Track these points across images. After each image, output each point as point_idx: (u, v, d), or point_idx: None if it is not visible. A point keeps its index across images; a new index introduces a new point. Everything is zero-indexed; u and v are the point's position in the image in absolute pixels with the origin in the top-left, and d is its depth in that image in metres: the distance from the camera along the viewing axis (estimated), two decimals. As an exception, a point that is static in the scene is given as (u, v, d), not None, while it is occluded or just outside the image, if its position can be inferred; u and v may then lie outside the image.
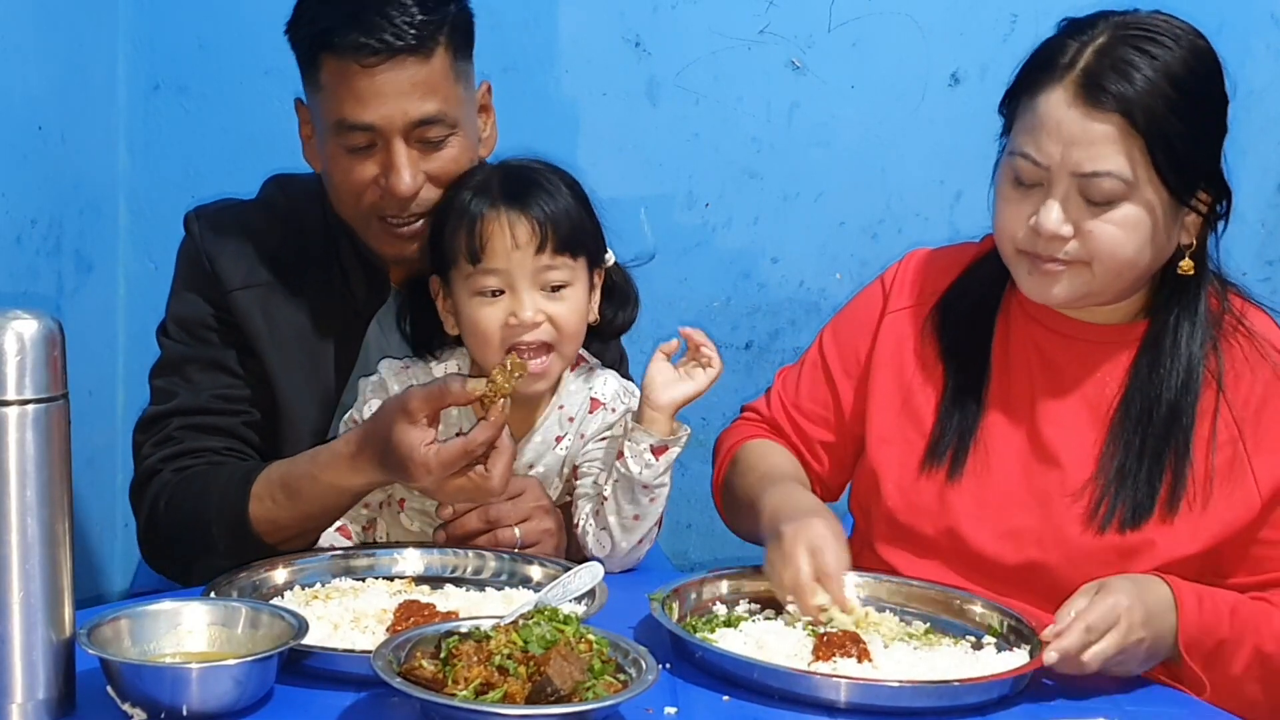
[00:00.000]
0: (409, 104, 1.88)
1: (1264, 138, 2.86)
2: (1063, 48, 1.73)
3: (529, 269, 1.85)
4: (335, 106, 1.90)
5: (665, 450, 1.85)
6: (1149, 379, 1.79)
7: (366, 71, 1.86)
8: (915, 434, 1.89)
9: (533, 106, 2.78)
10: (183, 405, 1.98)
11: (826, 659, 1.55)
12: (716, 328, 2.93)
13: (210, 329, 2.01)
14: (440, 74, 1.90)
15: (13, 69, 2.35)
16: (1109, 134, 1.69)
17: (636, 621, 1.66)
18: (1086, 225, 1.72)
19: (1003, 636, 1.67)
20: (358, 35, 1.85)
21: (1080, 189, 1.71)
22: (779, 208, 2.91)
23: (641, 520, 1.88)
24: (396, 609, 1.61)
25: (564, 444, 1.95)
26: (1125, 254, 1.73)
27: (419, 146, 1.91)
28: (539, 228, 1.85)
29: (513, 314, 1.85)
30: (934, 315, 1.93)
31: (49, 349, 1.35)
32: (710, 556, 2.93)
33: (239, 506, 1.84)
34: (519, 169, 1.93)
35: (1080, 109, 1.69)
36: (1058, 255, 1.73)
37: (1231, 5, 2.86)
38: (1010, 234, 1.78)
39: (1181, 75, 1.70)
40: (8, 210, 2.36)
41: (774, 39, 2.84)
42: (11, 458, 1.33)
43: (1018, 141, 1.75)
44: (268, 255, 2.02)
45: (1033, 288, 1.79)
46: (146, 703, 1.36)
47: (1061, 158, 1.70)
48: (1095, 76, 1.69)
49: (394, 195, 1.91)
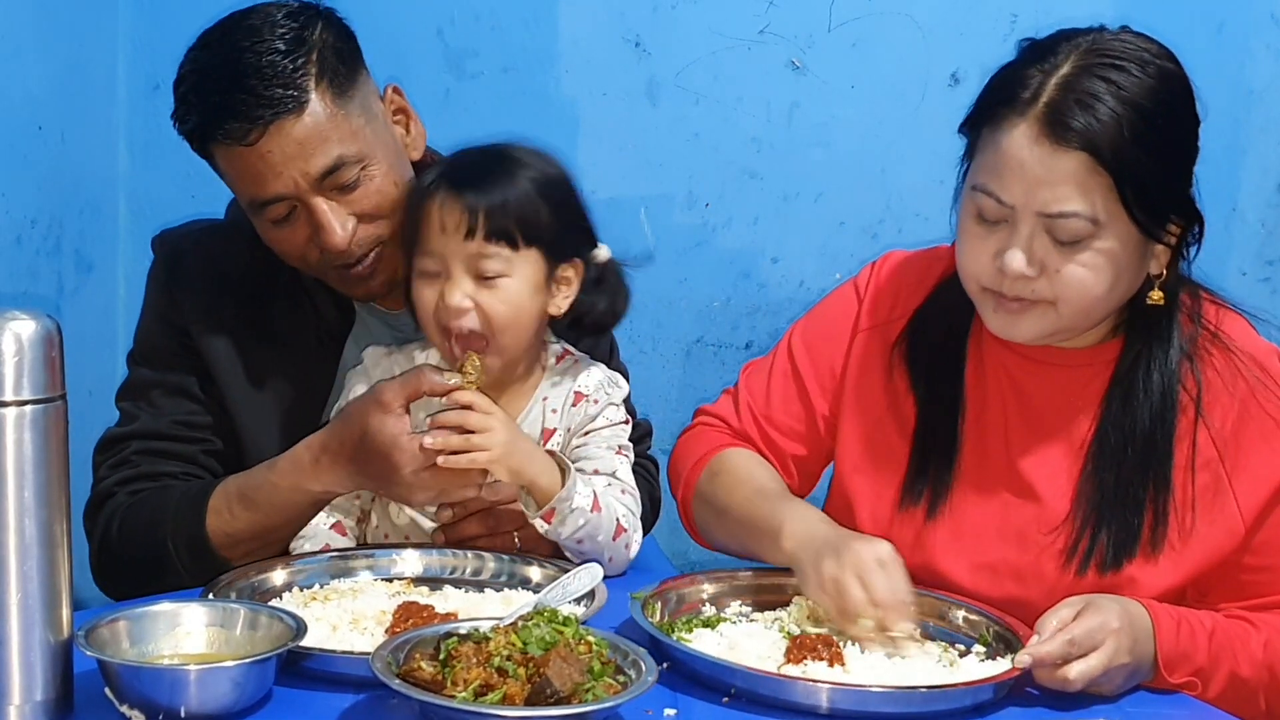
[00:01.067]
0: (306, 163, 1.83)
1: (1264, 138, 2.85)
2: (1024, 80, 1.65)
3: (460, 255, 1.82)
4: (242, 189, 1.88)
5: (553, 513, 1.80)
6: (1122, 412, 1.74)
7: (253, 149, 1.82)
8: (889, 468, 1.85)
9: (533, 106, 2.78)
10: (142, 429, 1.97)
11: (798, 662, 1.54)
12: (716, 328, 2.93)
13: (174, 354, 1.99)
14: (324, 118, 1.84)
15: (13, 69, 2.34)
16: (1074, 173, 1.61)
17: (631, 622, 1.66)
18: (1053, 265, 1.65)
19: (990, 645, 1.65)
20: (231, 121, 1.81)
21: (1046, 228, 1.64)
22: (779, 208, 2.91)
23: (588, 551, 1.84)
24: (395, 610, 1.61)
25: (554, 440, 1.93)
26: (1094, 294, 1.67)
27: (336, 195, 1.86)
28: (470, 214, 1.80)
29: (442, 297, 1.83)
30: (902, 341, 1.88)
31: (48, 349, 1.34)
32: (710, 556, 2.92)
33: (196, 522, 1.83)
34: (477, 155, 1.89)
35: (1044, 147, 1.61)
36: (1024, 295, 1.68)
37: (1231, 5, 2.86)
38: (974, 273, 1.71)
39: (1148, 106, 1.62)
40: (8, 210, 2.36)
41: (774, 39, 2.84)
42: (10, 458, 1.33)
43: (980, 177, 1.68)
44: (232, 282, 2.00)
45: (999, 326, 1.73)
46: (144, 704, 1.36)
47: (1026, 197, 1.63)
48: (1059, 112, 1.61)
49: (332, 251, 1.88)
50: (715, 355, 2.94)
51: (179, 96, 1.90)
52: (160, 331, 2.01)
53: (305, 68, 1.83)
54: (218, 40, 1.87)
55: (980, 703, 1.50)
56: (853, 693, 1.47)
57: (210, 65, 1.86)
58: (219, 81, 1.83)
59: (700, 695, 1.50)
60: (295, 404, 1.99)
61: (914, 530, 1.81)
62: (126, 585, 1.89)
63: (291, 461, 1.81)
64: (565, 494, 1.78)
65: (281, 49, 1.83)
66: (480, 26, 2.88)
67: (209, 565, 1.79)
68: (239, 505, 1.83)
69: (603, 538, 1.83)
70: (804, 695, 1.46)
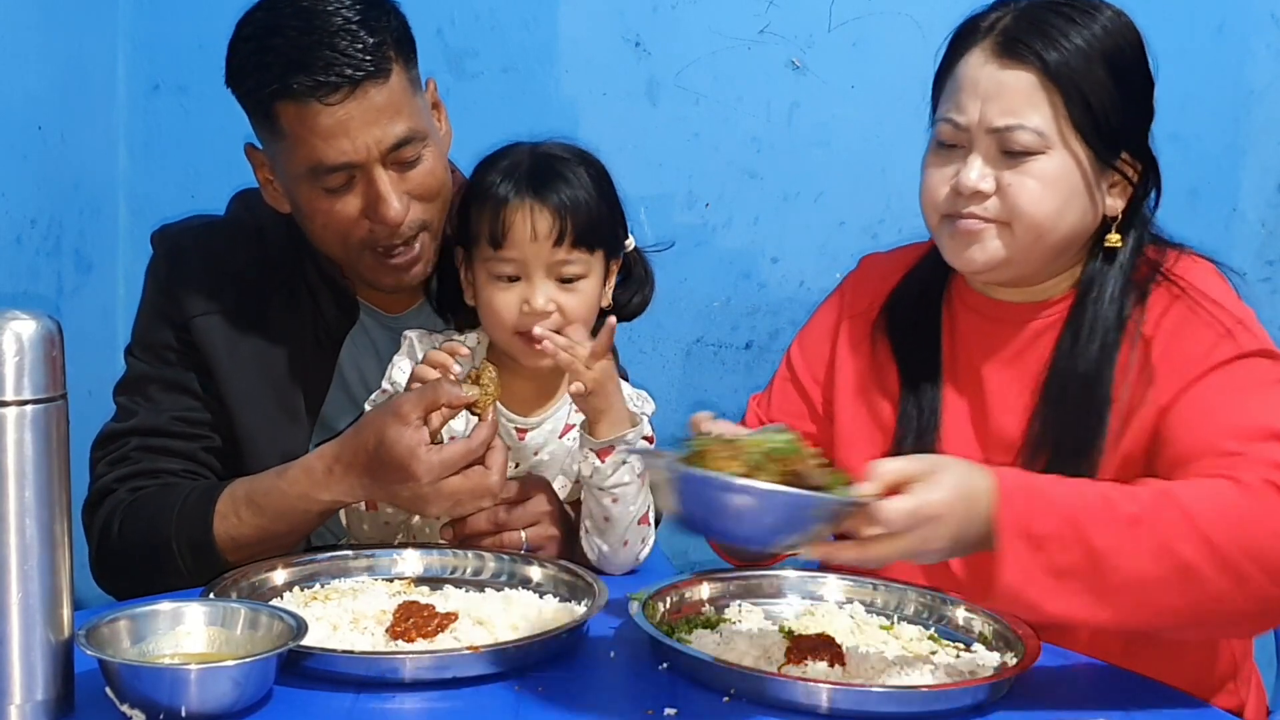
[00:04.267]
0: (381, 131, 1.83)
1: (1264, 138, 2.85)
2: (984, 16, 1.78)
3: (545, 259, 1.86)
4: (305, 153, 1.84)
5: (611, 450, 1.84)
6: (1070, 353, 1.79)
7: (330, 110, 1.80)
8: (878, 432, 1.91)
9: (533, 106, 2.78)
10: (141, 425, 1.96)
11: (798, 662, 1.55)
12: (716, 328, 2.93)
13: (172, 350, 1.98)
14: (400, 91, 1.85)
15: (13, 69, 2.34)
16: (1024, 86, 1.71)
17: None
18: (1005, 179, 1.73)
19: (991, 644, 1.65)
20: (314, 76, 1.79)
21: (999, 144, 1.73)
22: (779, 208, 2.91)
23: (612, 523, 1.86)
24: (396, 610, 1.61)
25: (571, 435, 1.95)
26: (1045, 209, 1.73)
27: (396, 169, 1.87)
28: (559, 221, 1.85)
29: (526, 301, 1.87)
30: (882, 317, 1.95)
31: (48, 349, 1.34)
32: (710, 556, 2.92)
33: (203, 524, 1.82)
34: (547, 158, 1.92)
35: (996, 63, 1.73)
36: (977, 212, 1.74)
37: (1231, 5, 2.86)
38: (933, 199, 1.79)
39: (1101, 39, 1.73)
40: (8, 210, 2.36)
41: (774, 39, 2.84)
42: (10, 458, 1.33)
43: (940, 109, 1.79)
44: (231, 279, 1.99)
45: (955, 252, 1.79)
46: (145, 704, 1.36)
47: (980, 115, 1.73)
48: (1012, 33, 1.73)
49: (386, 224, 1.87)
50: (715, 355, 2.94)
51: (242, 55, 1.87)
52: (158, 326, 2.00)
53: (385, 39, 1.84)
54: (286, 3, 1.84)
55: (980, 702, 1.50)
56: (853, 693, 1.46)
57: (285, 24, 1.83)
58: (300, 39, 1.81)
59: (700, 695, 1.50)
60: (292, 402, 1.99)
61: None
62: (125, 583, 1.89)
63: (303, 470, 1.81)
64: (633, 436, 1.83)
65: (357, 18, 1.83)
66: (480, 26, 2.88)
67: (211, 567, 1.79)
68: (246, 510, 1.82)
69: (634, 509, 1.86)
70: (804, 695, 1.46)
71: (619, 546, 1.87)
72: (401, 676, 1.47)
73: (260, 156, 1.97)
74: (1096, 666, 1.67)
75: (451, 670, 1.48)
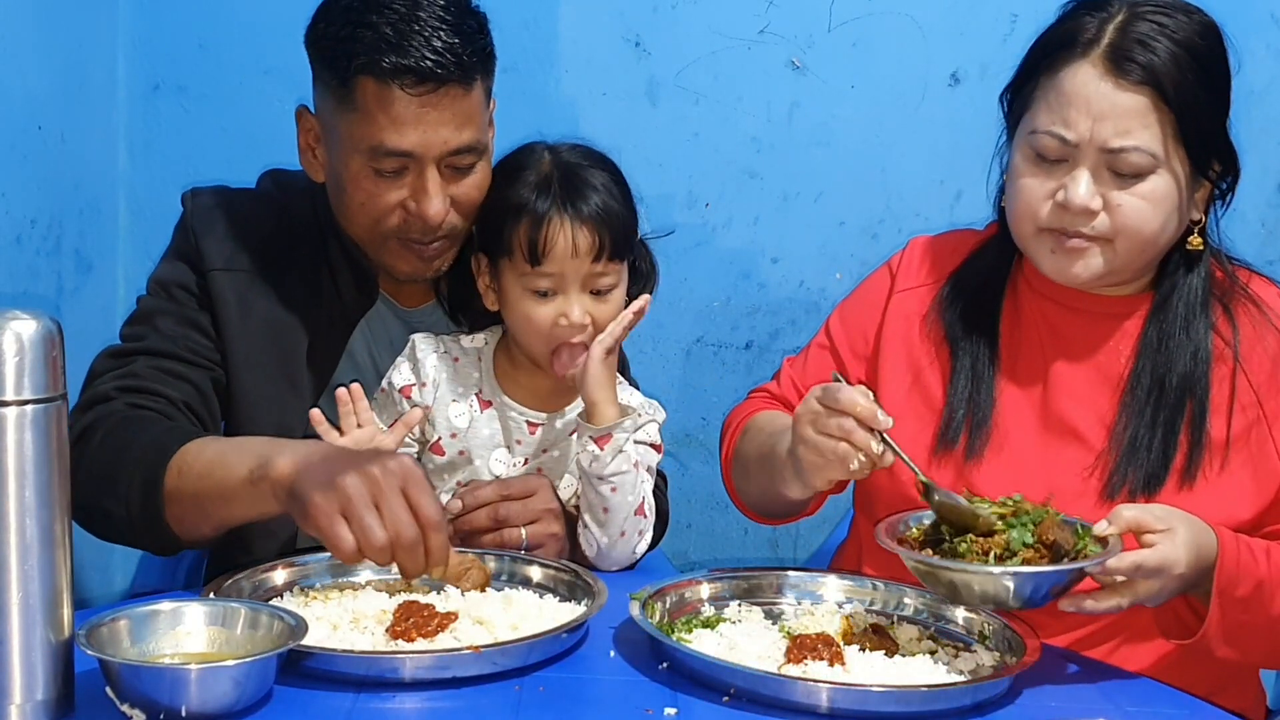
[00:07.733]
0: (449, 133, 1.87)
1: (1264, 138, 2.85)
2: (1082, 27, 1.75)
3: (581, 274, 1.89)
4: (372, 131, 1.86)
5: (609, 439, 1.85)
6: (1159, 350, 1.80)
7: (410, 99, 1.84)
8: (927, 411, 1.90)
9: (533, 106, 2.77)
10: (151, 346, 1.93)
11: (798, 662, 1.55)
12: (716, 328, 2.93)
13: (189, 292, 1.98)
14: (477, 104, 1.90)
15: (13, 69, 2.34)
16: (1140, 107, 1.70)
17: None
18: (1114, 199, 1.72)
19: (990, 644, 1.65)
20: (408, 61, 1.82)
21: (1108, 164, 1.72)
22: (779, 208, 2.91)
23: (611, 513, 1.87)
24: (396, 609, 1.61)
25: None
26: (1151, 228, 1.74)
27: (448, 173, 1.90)
28: (597, 237, 1.89)
29: (563, 315, 1.89)
30: (943, 294, 1.94)
31: (48, 349, 1.35)
32: (710, 556, 2.93)
33: (161, 460, 1.70)
34: (574, 168, 1.94)
35: (1109, 83, 1.71)
36: (1084, 230, 1.73)
37: (1231, 5, 2.84)
38: (1032, 213, 1.78)
39: (1198, 45, 1.73)
40: (8, 210, 2.36)
41: (774, 39, 2.84)
42: (10, 458, 1.33)
43: (1039, 120, 1.75)
44: (255, 242, 2.00)
45: (1055, 267, 1.79)
46: (145, 703, 1.36)
47: (1091, 133, 1.71)
48: (1122, 51, 1.71)
49: (423, 220, 1.90)
50: (715, 355, 2.94)
51: (336, 21, 1.88)
52: (179, 270, 1.99)
53: (478, 50, 1.88)
54: None
55: (980, 702, 1.50)
56: (853, 693, 1.47)
57: (388, 3, 1.85)
58: (401, 23, 1.84)
59: (700, 695, 1.50)
60: (295, 372, 1.99)
61: (953, 472, 1.85)
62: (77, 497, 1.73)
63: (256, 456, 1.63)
64: (629, 424, 1.87)
65: (457, 22, 1.86)
66: (480, 26, 2.88)
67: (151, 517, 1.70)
68: (200, 464, 1.69)
69: (633, 499, 1.88)
70: (804, 695, 1.46)
71: (617, 538, 1.88)
72: (401, 676, 1.48)
73: (311, 121, 1.98)
74: (1097, 666, 1.68)
75: (451, 670, 1.49)
